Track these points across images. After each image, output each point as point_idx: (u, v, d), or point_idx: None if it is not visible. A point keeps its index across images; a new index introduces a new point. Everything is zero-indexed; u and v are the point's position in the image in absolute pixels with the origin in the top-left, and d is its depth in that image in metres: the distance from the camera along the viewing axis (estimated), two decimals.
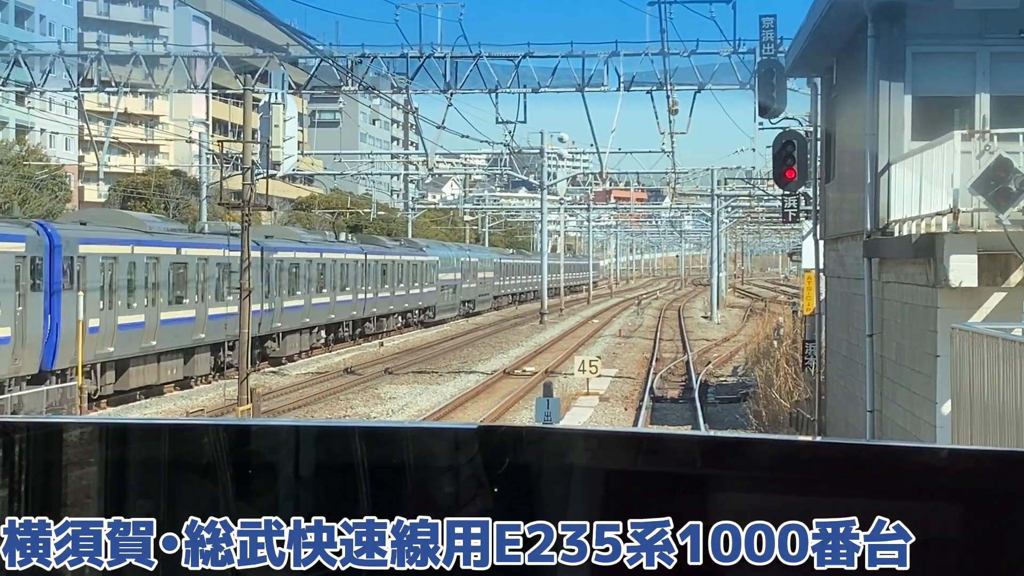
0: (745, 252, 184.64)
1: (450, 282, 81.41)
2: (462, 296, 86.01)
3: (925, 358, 16.57)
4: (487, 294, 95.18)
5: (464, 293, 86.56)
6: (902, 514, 2.55)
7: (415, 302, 73.14)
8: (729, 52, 40.27)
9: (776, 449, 2.79)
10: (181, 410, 36.60)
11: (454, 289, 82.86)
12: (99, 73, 43.59)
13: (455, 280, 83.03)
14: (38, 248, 33.20)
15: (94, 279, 35.65)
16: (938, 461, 2.63)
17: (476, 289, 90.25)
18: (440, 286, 78.26)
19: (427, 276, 75.13)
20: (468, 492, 2.89)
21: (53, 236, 34.00)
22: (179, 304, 40.98)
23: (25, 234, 33.17)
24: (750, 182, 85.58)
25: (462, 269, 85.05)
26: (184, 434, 3.14)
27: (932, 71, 18.81)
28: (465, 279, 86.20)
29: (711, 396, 39.04)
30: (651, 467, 2.76)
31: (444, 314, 79.49)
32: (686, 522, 2.66)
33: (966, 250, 15.32)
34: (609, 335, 67.36)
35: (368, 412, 36.28)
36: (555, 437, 2.95)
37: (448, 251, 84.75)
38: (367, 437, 3.01)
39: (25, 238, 32.93)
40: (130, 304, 37.79)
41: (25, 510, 2.91)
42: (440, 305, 78.66)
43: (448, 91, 42.07)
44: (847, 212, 22.24)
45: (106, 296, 36.37)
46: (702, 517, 2.64)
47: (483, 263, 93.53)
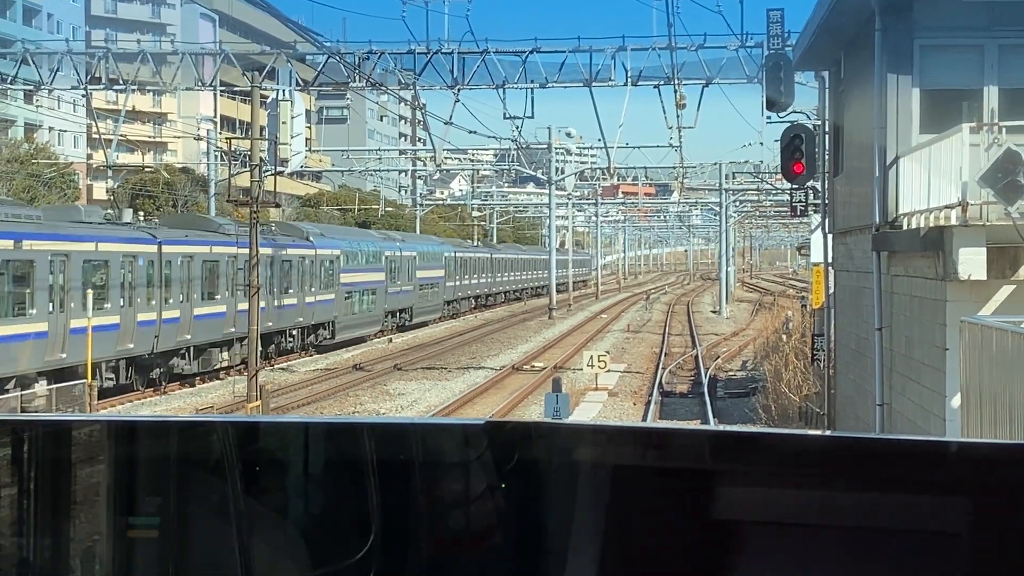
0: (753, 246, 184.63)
1: (362, 285, 59.89)
2: (388, 304, 65.03)
3: (934, 351, 16.55)
4: (433, 301, 74.96)
5: (392, 300, 65.84)
6: (912, 508, 2.54)
7: (291, 319, 50.64)
8: (737, 46, 40.26)
9: (786, 443, 2.78)
10: (190, 407, 36.68)
11: (372, 294, 61.82)
12: (107, 71, 43.69)
13: (376, 282, 62.35)
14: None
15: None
16: (948, 454, 2.62)
17: (412, 295, 69.85)
18: (345, 292, 57.30)
19: (317, 278, 53.90)
20: (477, 488, 2.89)
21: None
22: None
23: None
24: (758, 176, 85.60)
25: (387, 267, 64.49)
26: (193, 431, 3.14)
27: (940, 64, 18.77)
28: (395, 280, 65.95)
29: (720, 391, 39.03)
30: (661, 462, 2.75)
31: (352, 332, 58.31)
32: (696, 517, 2.65)
33: (975, 243, 15.29)
34: (618, 330, 67.37)
35: (377, 408, 36.33)
36: (564, 432, 2.94)
37: (358, 242, 62.89)
38: (376, 433, 3.01)
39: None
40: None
41: (35, 508, 2.92)
42: (347, 321, 57.52)
43: (455, 87, 42.08)
44: (855, 206, 22.21)
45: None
46: (712, 512, 2.64)
47: (424, 258, 73.09)
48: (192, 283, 42.15)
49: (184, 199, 75.98)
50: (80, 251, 35.72)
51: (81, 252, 35.76)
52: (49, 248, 34.07)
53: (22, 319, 33.00)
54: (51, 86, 44.66)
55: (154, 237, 39.99)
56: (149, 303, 39.03)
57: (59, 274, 34.52)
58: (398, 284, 66.11)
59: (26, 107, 79.06)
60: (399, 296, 66.47)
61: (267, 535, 2.91)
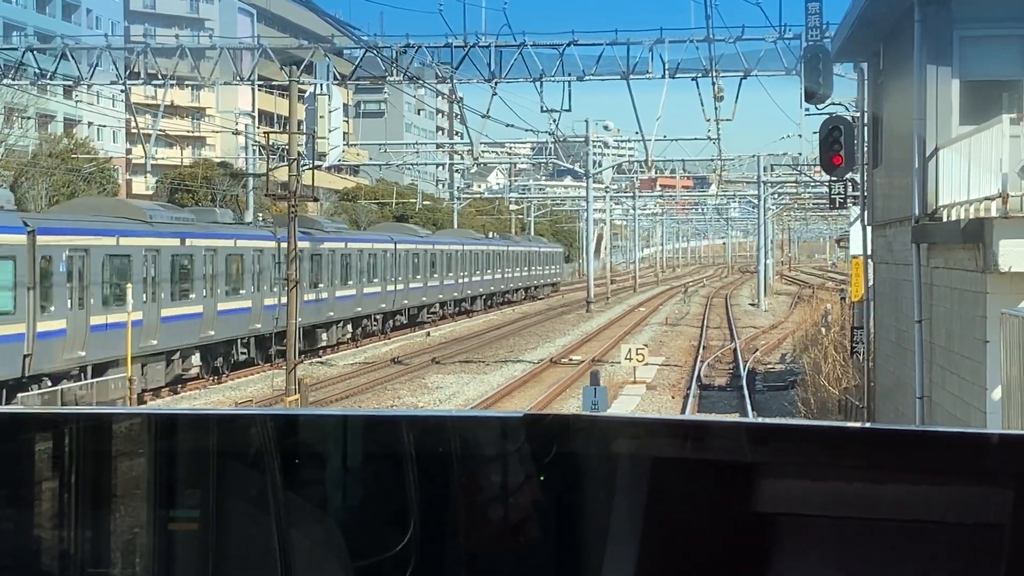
0: (792, 239, 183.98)
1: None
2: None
3: (974, 344, 16.46)
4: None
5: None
6: (953, 499, 2.53)
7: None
8: (775, 38, 40.12)
9: (825, 435, 2.77)
10: (229, 400, 36.85)
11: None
12: (145, 66, 43.90)
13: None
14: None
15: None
16: (989, 446, 2.61)
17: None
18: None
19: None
20: (515, 480, 2.89)
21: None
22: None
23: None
24: (796, 168, 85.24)
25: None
26: (232, 424, 3.15)
27: (979, 55, 18.66)
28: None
29: (759, 384, 38.93)
30: (699, 455, 2.74)
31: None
32: (735, 510, 2.65)
33: (1015, 235, 15.20)
34: (656, 323, 67.27)
35: (415, 402, 36.39)
36: (602, 425, 2.94)
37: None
38: (414, 426, 3.02)
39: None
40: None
41: (76, 501, 2.94)
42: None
43: (493, 80, 42.08)
44: (895, 197, 22.11)
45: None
46: (751, 505, 2.63)
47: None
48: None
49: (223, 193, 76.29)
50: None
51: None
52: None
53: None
54: (90, 81, 44.89)
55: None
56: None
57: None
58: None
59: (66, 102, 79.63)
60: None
61: (306, 527, 2.91)
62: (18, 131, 66.39)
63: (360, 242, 58.23)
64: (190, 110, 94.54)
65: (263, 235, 46.16)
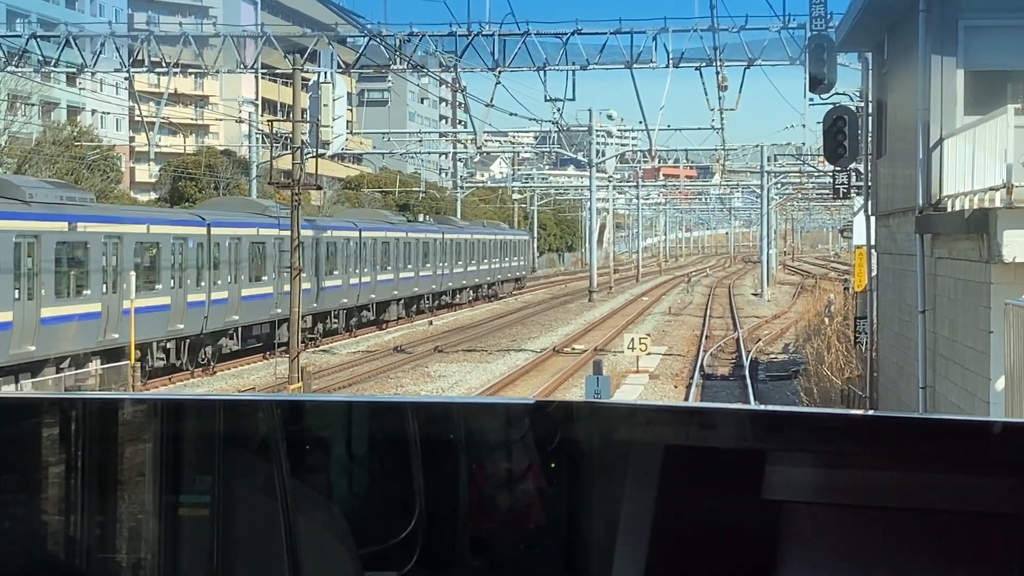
0: (795, 229, 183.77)
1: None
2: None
3: (978, 334, 16.45)
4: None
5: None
6: (957, 487, 2.54)
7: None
8: (779, 27, 40.02)
9: (829, 423, 2.78)
10: (233, 388, 36.85)
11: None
12: (149, 54, 43.80)
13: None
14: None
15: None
16: (992, 434, 2.61)
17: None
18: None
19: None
20: (520, 467, 2.90)
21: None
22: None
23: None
24: (800, 158, 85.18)
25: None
26: (238, 410, 3.16)
27: (984, 45, 18.63)
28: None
29: (761, 373, 38.93)
30: (703, 441, 2.75)
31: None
32: (738, 496, 2.65)
33: (1020, 225, 15.18)
34: (659, 313, 67.23)
35: (419, 390, 36.39)
36: (607, 412, 2.95)
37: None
38: (420, 413, 3.03)
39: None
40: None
41: (83, 485, 2.94)
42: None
43: (496, 69, 42.01)
44: (899, 188, 22.09)
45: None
46: (755, 491, 2.64)
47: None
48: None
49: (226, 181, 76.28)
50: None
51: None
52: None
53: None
54: (94, 68, 44.82)
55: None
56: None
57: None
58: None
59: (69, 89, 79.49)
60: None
61: (312, 513, 2.92)
62: (22, 119, 66.31)
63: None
64: (193, 98, 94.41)
65: (188, 220, 41.02)
